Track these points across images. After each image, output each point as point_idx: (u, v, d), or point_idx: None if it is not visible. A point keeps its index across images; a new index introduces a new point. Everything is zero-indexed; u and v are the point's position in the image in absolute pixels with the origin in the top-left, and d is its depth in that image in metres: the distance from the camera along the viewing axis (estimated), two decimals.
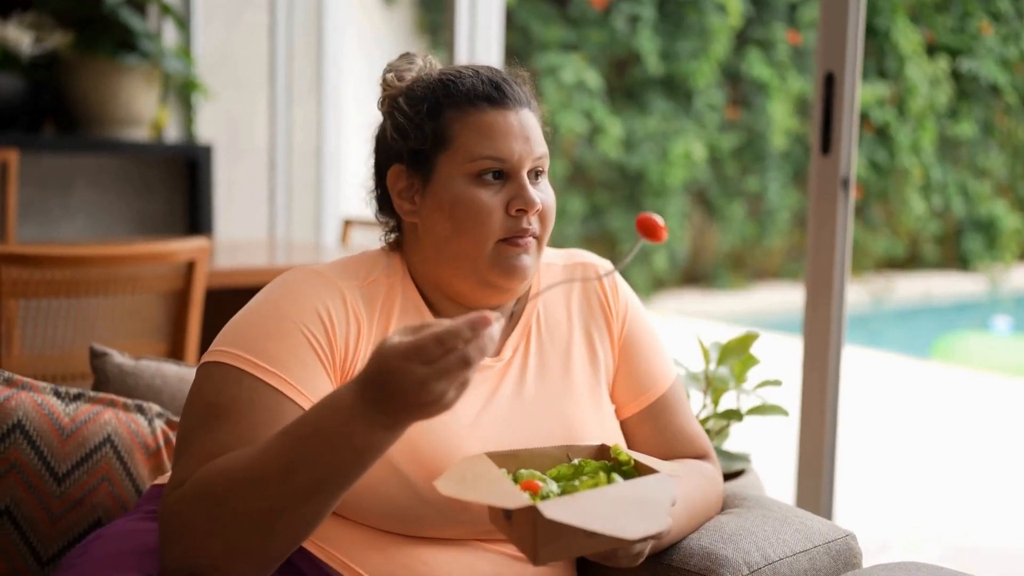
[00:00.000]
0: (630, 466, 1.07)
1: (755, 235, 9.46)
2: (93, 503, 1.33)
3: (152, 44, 3.80)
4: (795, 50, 9.27)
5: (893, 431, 4.70)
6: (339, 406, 0.91)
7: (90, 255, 2.13)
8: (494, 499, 0.93)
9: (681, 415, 1.30)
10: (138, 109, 3.86)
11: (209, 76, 4.20)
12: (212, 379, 1.05)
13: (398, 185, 1.16)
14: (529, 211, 1.13)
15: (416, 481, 1.07)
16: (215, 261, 2.85)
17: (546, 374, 1.21)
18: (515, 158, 1.14)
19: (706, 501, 1.24)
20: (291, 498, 0.93)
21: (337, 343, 1.09)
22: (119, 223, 4.12)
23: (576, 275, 1.28)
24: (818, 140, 2.16)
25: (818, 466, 2.19)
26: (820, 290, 2.19)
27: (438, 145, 1.14)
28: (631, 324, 1.28)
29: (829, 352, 2.17)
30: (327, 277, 1.13)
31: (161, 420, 1.42)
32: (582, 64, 8.54)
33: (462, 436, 1.11)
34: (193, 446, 1.02)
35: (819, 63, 2.16)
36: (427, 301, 1.19)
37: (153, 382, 1.52)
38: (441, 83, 1.16)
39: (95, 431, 1.35)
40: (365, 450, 0.91)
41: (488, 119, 1.13)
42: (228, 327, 1.10)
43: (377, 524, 1.09)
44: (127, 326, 2.25)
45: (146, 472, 1.38)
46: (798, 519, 1.27)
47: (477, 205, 1.12)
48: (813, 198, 2.19)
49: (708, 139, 9.07)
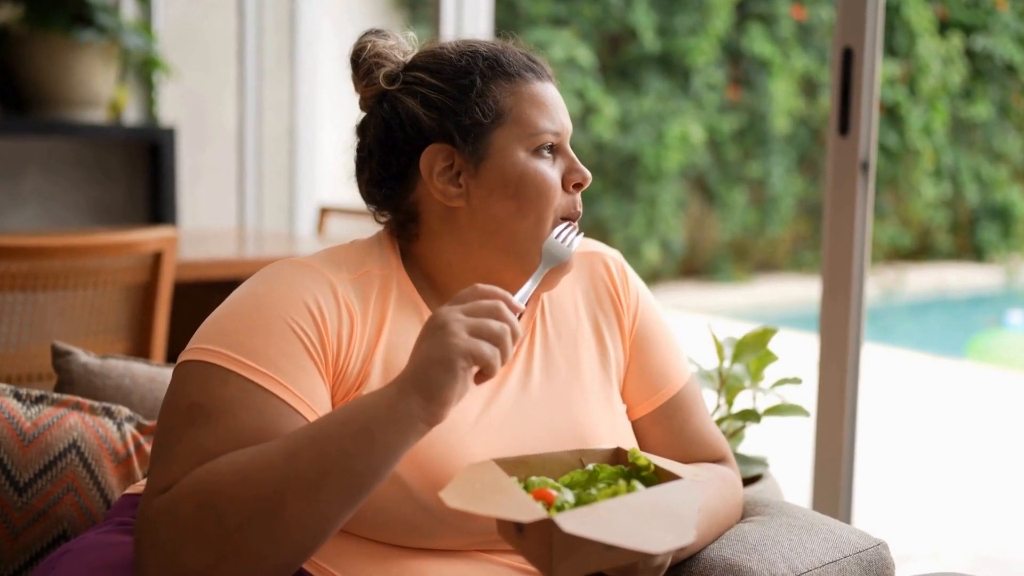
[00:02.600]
0: (650, 471, 1.06)
1: (758, 224, 9.49)
2: (58, 515, 1.31)
3: (110, 18, 3.77)
4: (800, 26, 9.30)
5: (908, 432, 4.72)
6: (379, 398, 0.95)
7: (49, 246, 2.11)
8: (507, 512, 0.92)
9: (697, 415, 1.29)
10: (95, 89, 3.82)
11: (172, 53, 4.16)
12: (194, 379, 1.03)
13: (438, 166, 1.14)
14: (585, 184, 1.17)
15: (415, 488, 1.06)
16: (181, 253, 2.82)
17: (552, 370, 1.20)
18: (564, 130, 1.17)
19: (727, 508, 1.24)
20: (314, 502, 0.93)
21: (329, 339, 1.07)
22: (73, 213, 4.09)
23: (583, 265, 1.27)
24: (835, 120, 2.16)
25: (836, 470, 2.19)
26: (838, 282, 2.18)
27: (493, 119, 1.14)
28: (643, 317, 1.28)
29: (848, 348, 2.17)
30: (315, 268, 1.11)
31: (131, 424, 1.41)
32: (573, 40, 8.53)
33: (464, 436, 1.10)
34: (177, 448, 1.00)
35: (836, 37, 2.15)
36: (428, 293, 1.17)
37: (122, 383, 1.50)
38: (480, 55, 1.16)
39: (59, 436, 1.33)
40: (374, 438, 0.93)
41: (538, 90, 1.16)
42: (208, 323, 1.08)
43: (373, 535, 1.07)
44: (88, 323, 2.22)
45: (115, 481, 1.36)
46: (825, 527, 1.26)
47: (545, 180, 1.14)
48: (830, 183, 2.19)
49: (707, 121, 9.09)
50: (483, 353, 0.93)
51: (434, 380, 0.93)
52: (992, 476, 4.08)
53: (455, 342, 0.93)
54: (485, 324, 0.94)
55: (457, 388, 0.93)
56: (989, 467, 4.21)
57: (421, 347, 0.95)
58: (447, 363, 0.93)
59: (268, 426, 1.00)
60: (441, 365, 0.93)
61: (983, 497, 3.79)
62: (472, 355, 0.93)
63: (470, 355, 0.93)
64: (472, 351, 0.93)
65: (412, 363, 0.95)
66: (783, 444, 3.55)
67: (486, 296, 0.97)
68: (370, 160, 1.19)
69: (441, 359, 0.93)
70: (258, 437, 1.00)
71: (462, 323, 0.94)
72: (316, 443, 0.94)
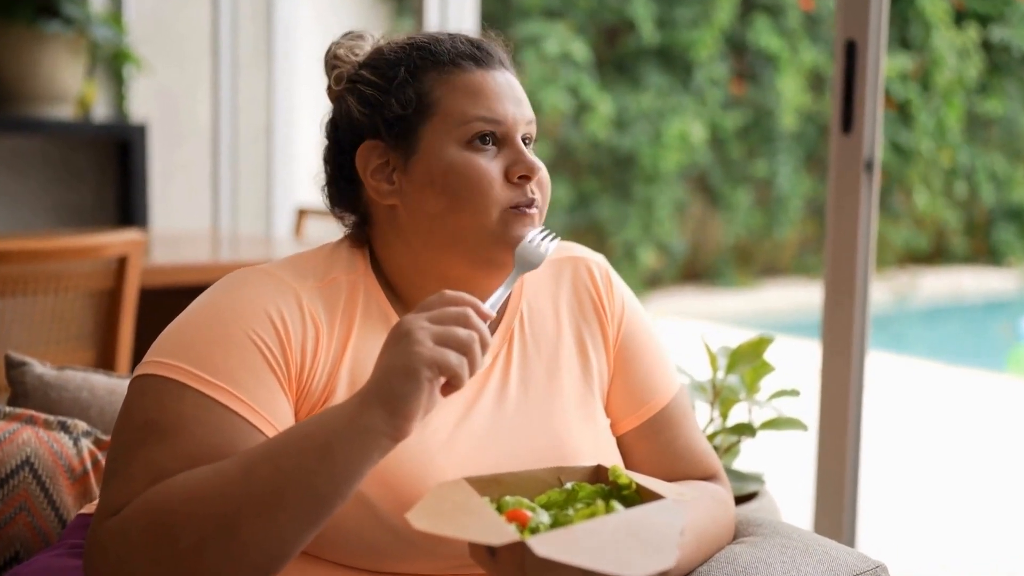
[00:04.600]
0: (631, 490, 1.06)
1: (763, 226, 9.50)
2: (10, 536, 1.31)
3: (77, 9, 3.76)
4: (808, 17, 9.32)
5: (919, 447, 4.71)
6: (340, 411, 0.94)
7: (6, 249, 2.10)
8: (476, 534, 0.91)
9: (686, 430, 1.29)
10: (61, 84, 3.82)
11: (143, 46, 4.16)
12: (149, 394, 1.03)
13: (372, 163, 1.15)
14: (532, 176, 1.14)
15: (383, 508, 1.05)
16: (151, 257, 2.82)
17: (531, 383, 1.19)
18: (510, 120, 1.14)
19: (717, 528, 1.23)
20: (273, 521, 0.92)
21: (292, 352, 1.06)
22: (39, 214, 4.08)
23: (565, 270, 1.27)
24: (838, 117, 2.16)
25: (839, 487, 2.19)
26: (841, 287, 2.18)
27: (421, 113, 1.13)
28: (628, 326, 1.27)
29: (852, 358, 2.17)
30: (278, 277, 1.11)
31: (88, 439, 1.40)
32: (568, 33, 8.54)
33: (435, 454, 1.09)
34: (130, 467, 0.99)
35: (839, 30, 2.15)
36: (396, 300, 1.17)
37: (79, 395, 1.50)
38: (414, 46, 1.16)
39: (11, 453, 1.33)
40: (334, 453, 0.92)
41: (476, 79, 1.14)
42: (165, 335, 1.07)
43: (338, 558, 1.07)
44: (48, 331, 2.22)
45: (71, 499, 1.36)
46: (821, 548, 1.25)
47: (476, 172, 1.11)
48: (832, 183, 2.19)
49: (709, 118, 9.10)
50: (449, 362, 0.92)
51: (397, 391, 0.92)
52: (1011, 495, 4.08)
53: (419, 351, 0.92)
54: (452, 332, 0.93)
55: (422, 400, 0.92)
56: (1007, 485, 4.20)
57: (384, 357, 0.94)
58: (411, 373, 0.92)
59: (226, 443, 1.00)
60: (405, 375, 0.92)
61: (999, 517, 3.78)
62: (438, 364, 0.92)
63: (435, 364, 0.92)
64: (437, 360, 0.92)
65: (375, 374, 0.94)
66: (785, 460, 3.55)
67: (453, 303, 0.96)
68: (326, 162, 1.21)
69: (404, 368, 0.92)
70: (215, 455, 0.99)
71: (427, 331, 0.93)
72: (273, 459, 0.94)
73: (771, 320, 8.29)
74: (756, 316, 8.53)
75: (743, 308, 8.79)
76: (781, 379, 1.71)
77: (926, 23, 9.30)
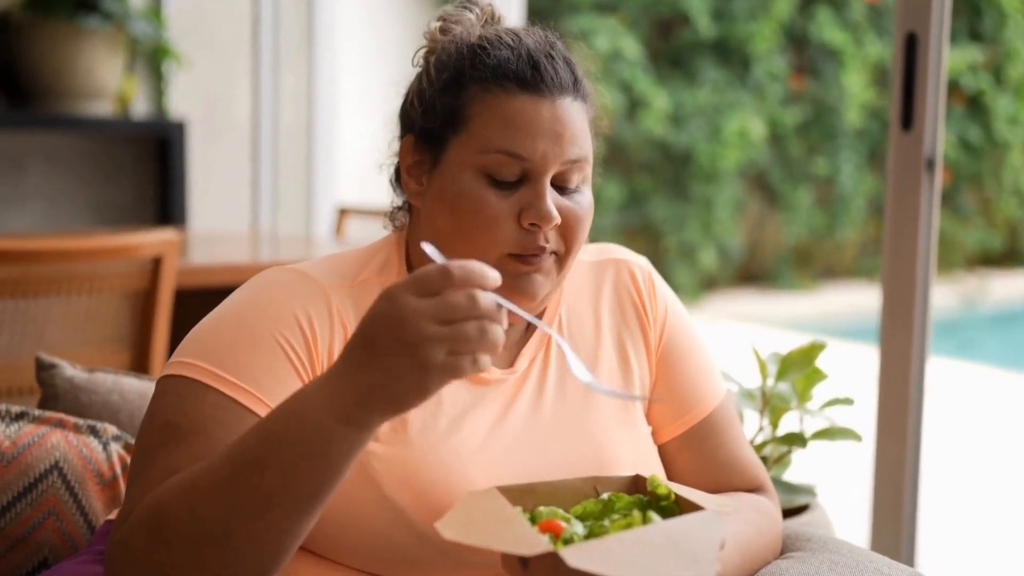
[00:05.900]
0: (670, 501, 1.05)
1: (824, 226, 9.41)
2: (38, 541, 1.32)
3: (116, 4, 3.81)
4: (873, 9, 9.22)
5: (987, 460, 4.64)
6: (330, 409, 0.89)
7: (40, 249, 2.13)
8: (507, 544, 0.91)
9: (731, 439, 1.28)
10: (100, 80, 3.87)
11: (182, 41, 4.20)
12: (172, 395, 1.04)
13: (408, 159, 1.16)
14: (543, 226, 1.09)
15: (412, 515, 1.05)
16: (189, 256, 2.85)
17: (568, 389, 1.19)
18: (537, 157, 1.09)
19: (762, 542, 1.22)
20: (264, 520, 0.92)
21: (318, 354, 1.07)
22: (79, 211, 4.14)
23: (607, 273, 1.26)
24: (898, 114, 2.14)
25: (897, 501, 2.16)
26: (900, 291, 2.16)
27: (452, 125, 1.11)
28: (671, 331, 1.26)
29: (911, 364, 2.14)
30: (310, 277, 1.12)
31: (118, 444, 1.42)
32: (620, 28, 8.51)
33: (467, 461, 1.09)
34: (148, 471, 1.01)
35: (899, 22, 2.13)
36: None
37: (110, 399, 1.51)
38: (471, 49, 1.13)
39: (41, 457, 1.35)
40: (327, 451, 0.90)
41: (514, 106, 1.09)
42: (192, 335, 1.09)
43: (364, 566, 1.07)
44: (83, 332, 2.25)
45: (100, 505, 1.37)
46: (873, 566, 1.24)
47: (481, 208, 1.08)
48: (892, 182, 2.17)
49: (768, 113, 9.03)
50: (464, 371, 0.87)
51: (402, 400, 0.88)
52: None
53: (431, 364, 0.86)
54: (463, 334, 0.85)
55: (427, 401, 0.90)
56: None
57: (385, 360, 0.86)
58: (422, 389, 0.87)
59: None
60: (416, 390, 0.87)
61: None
62: (451, 375, 0.87)
63: (448, 376, 0.87)
64: (451, 372, 0.87)
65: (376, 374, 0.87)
66: (839, 472, 3.51)
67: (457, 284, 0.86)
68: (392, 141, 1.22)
69: (415, 384, 0.87)
70: None
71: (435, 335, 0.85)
72: (260, 463, 0.92)
73: (831, 324, 8.21)
74: (815, 320, 8.45)
75: (802, 312, 8.71)
76: (836, 387, 1.69)
77: (1000, 12, 9.16)
